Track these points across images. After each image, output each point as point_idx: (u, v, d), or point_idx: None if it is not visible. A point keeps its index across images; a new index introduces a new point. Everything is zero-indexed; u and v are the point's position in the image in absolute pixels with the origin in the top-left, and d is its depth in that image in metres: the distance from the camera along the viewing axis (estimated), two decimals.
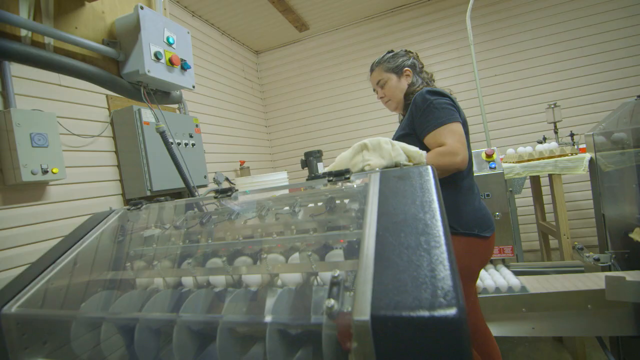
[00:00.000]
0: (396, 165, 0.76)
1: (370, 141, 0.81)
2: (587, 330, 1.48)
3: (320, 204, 0.86)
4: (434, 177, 0.62)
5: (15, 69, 1.86)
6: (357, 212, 0.74)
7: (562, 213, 2.15)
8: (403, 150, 0.80)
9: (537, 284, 1.70)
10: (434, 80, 1.41)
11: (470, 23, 2.80)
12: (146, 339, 0.64)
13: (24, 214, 1.84)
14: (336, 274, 0.46)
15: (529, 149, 2.30)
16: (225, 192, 0.80)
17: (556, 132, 2.86)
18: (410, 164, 0.79)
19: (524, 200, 3.51)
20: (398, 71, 1.38)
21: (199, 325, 0.59)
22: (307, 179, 0.76)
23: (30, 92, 1.95)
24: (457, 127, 1.14)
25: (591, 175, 2.08)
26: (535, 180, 2.94)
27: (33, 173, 1.77)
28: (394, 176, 0.64)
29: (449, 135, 1.12)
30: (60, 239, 1.38)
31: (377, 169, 0.74)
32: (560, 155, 2.15)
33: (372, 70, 1.46)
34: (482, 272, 1.85)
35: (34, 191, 1.90)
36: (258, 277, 0.70)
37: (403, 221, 0.52)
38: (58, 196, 2.01)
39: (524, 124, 3.66)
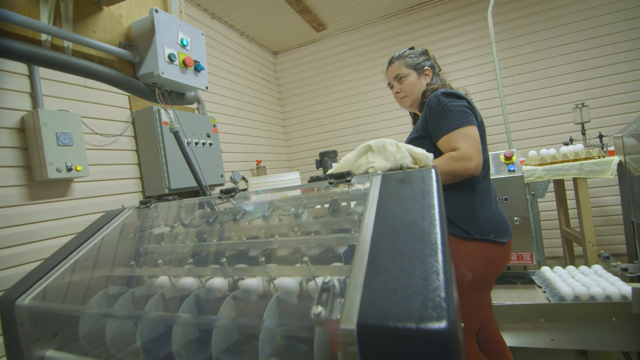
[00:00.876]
0: (401, 167, 0.75)
1: (375, 143, 0.80)
2: (611, 345, 1.40)
3: (326, 205, 0.85)
4: (437, 180, 0.60)
5: (43, 71, 1.95)
6: (360, 215, 0.73)
7: (587, 219, 2.04)
8: (409, 152, 0.78)
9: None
10: (449, 85, 1.38)
11: (491, 20, 2.70)
12: (147, 336, 0.65)
13: (49, 209, 1.93)
14: (326, 280, 0.45)
15: (552, 151, 2.20)
16: (229, 193, 0.81)
17: (584, 134, 2.72)
18: (416, 166, 0.76)
19: (546, 204, 3.36)
20: (419, 69, 1.35)
21: (196, 325, 0.59)
22: (309, 181, 0.75)
23: (57, 93, 2.04)
24: (472, 130, 1.10)
25: (620, 179, 1.96)
26: (559, 184, 2.81)
27: (58, 170, 1.85)
28: (395, 179, 0.63)
29: (462, 140, 1.08)
30: None
31: (381, 171, 0.73)
32: (586, 158, 2.04)
33: (390, 62, 1.41)
34: (582, 277, 1.64)
35: (59, 188, 1.99)
36: (258, 279, 0.70)
37: (400, 226, 0.50)
38: (81, 193, 2.10)
39: (549, 125, 3.50)
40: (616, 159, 1.95)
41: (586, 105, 2.67)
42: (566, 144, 2.46)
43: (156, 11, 1.19)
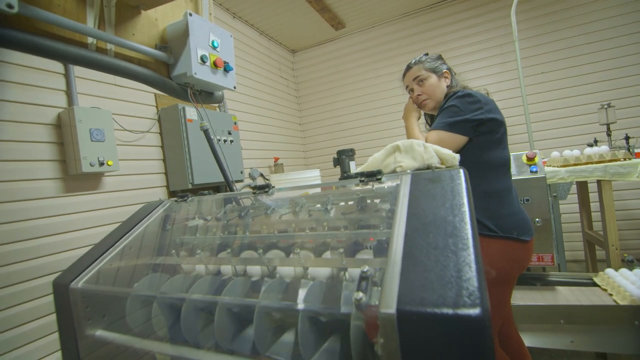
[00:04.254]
0: (428, 167, 0.78)
1: (403, 143, 0.83)
2: (633, 348, 1.39)
3: (351, 202, 0.89)
4: (466, 180, 0.63)
5: (77, 70, 2.06)
6: (388, 212, 0.76)
7: (611, 222, 2.00)
8: (436, 153, 0.81)
9: (581, 296, 1.62)
10: (466, 87, 1.40)
11: (515, 18, 2.67)
12: (190, 318, 0.70)
13: (83, 201, 2.04)
14: (365, 269, 0.49)
15: (576, 152, 2.17)
16: (263, 188, 0.86)
17: (609, 135, 2.66)
18: (443, 166, 0.79)
19: (569, 206, 3.30)
20: (438, 72, 1.37)
21: (237, 308, 0.64)
22: (339, 178, 0.79)
23: (90, 91, 2.15)
24: (453, 138, 1.15)
25: None
26: (582, 186, 2.76)
27: (91, 165, 1.96)
28: (425, 178, 0.66)
29: (434, 136, 1.15)
30: (114, 224, 1.52)
31: (409, 170, 0.76)
32: (610, 160, 2.00)
33: (409, 67, 1.43)
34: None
35: (92, 181, 2.10)
36: (291, 269, 0.75)
37: (432, 222, 0.54)
38: (112, 186, 2.20)
39: (573, 125, 3.42)
40: None
41: (612, 106, 2.61)
42: (590, 145, 2.41)
43: (190, 15, 1.25)
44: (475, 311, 0.39)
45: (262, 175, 3.68)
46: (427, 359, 0.41)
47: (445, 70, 1.38)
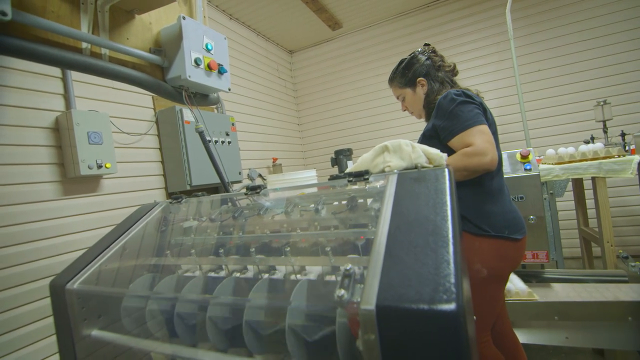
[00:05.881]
0: (416, 167, 0.79)
1: (391, 143, 0.84)
2: (627, 344, 1.40)
3: (343, 202, 0.90)
4: (450, 179, 0.64)
5: (75, 74, 2.07)
6: (376, 211, 0.78)
7: (606, 219, 2.01)
8: (424, 152, 0.82)
9: (573, 292, 1.63)
10: (456, 72, 1.37)
11: (510, 17, 2.68)
12: (183, 317, 0.72)
13: (81, 204, 2.06)
14: (348, 267, 0.51)
15: (570, 149, 2.18)
16: (255, 190, 0.87)
17: (605, 132, 2.67)
18: (430, 166, 0.81)
19: (565, 204, 3.31)
20: (412, 84, 1.38)
21: (228, 307, 0.66)
22: (328, 179, 0.81)
23: (88, 95, 2.17)
24: (485, 128, 1.13)
25: None
26: (577, 183, 2.77)
27: (89, 167, 1.97)
28: (410, 178, 0.67)
29: (477, 136, 1.11)
30: (112, 226, 1.54)
31: (396, 170, 0.77)
32: (605, 157, 2.01)
33: (389, 85, 1.49)
34: None
35: (90, 184, 2.12)
36: (282, 267, 0.76)
37: (415, 221, 0.55)
38: (110, 188, 2.22)
39: (570, 123, 3.43)
40: (636, 157, 1.92)
41: (608, 103, 2.62)
42: (587, 143, 2.42)
43: (184, 18, 1.27)
44: (450, 307, 0.40)
45: (260, 175, 3.69)
46: (405, 354, 0.42)
47: (419, 79, 1.36)
